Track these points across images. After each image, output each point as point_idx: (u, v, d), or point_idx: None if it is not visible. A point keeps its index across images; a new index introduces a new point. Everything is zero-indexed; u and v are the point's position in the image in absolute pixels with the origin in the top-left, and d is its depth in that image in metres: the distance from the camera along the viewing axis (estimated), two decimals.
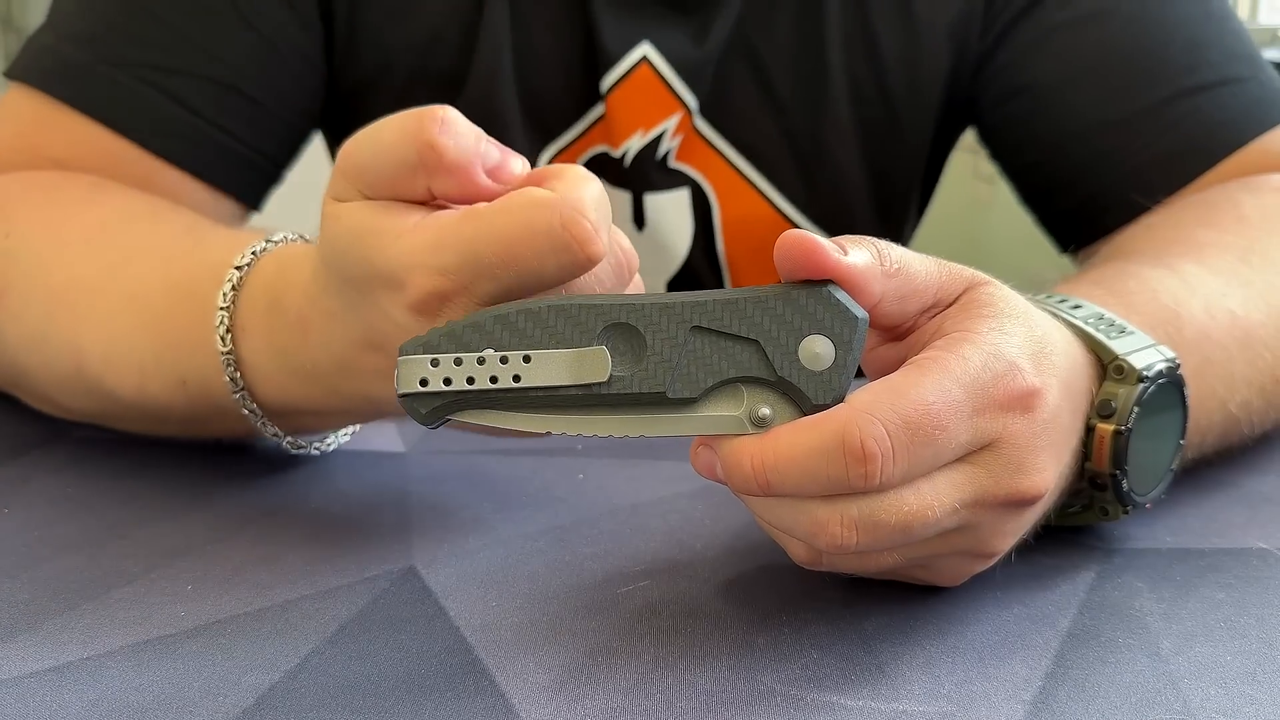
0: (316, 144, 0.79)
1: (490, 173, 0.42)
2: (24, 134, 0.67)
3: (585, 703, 0.38)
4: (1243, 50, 0.71)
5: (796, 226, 0.76)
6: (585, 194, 0.41)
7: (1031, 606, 0.44)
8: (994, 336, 0.40)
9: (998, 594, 0.45)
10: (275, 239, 0.52)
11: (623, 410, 0.39)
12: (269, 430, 0.53)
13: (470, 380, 0.39)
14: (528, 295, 0.42)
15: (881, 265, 0.40)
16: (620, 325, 0.39)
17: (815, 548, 0.40)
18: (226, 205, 0.70)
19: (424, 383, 0.39)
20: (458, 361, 0.39)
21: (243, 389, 0.51)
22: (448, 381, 0.39)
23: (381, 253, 0.42)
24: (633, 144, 0.74)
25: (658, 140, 0.74)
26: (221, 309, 0.51)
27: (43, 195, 0.63)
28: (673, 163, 0.76)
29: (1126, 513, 0.47)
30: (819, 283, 0.39)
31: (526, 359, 0.38)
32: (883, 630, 0.42)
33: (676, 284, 0.80)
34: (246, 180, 0.70)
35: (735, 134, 0.76)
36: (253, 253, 0.51)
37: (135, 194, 0.64)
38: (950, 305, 0.42)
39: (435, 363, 0.39)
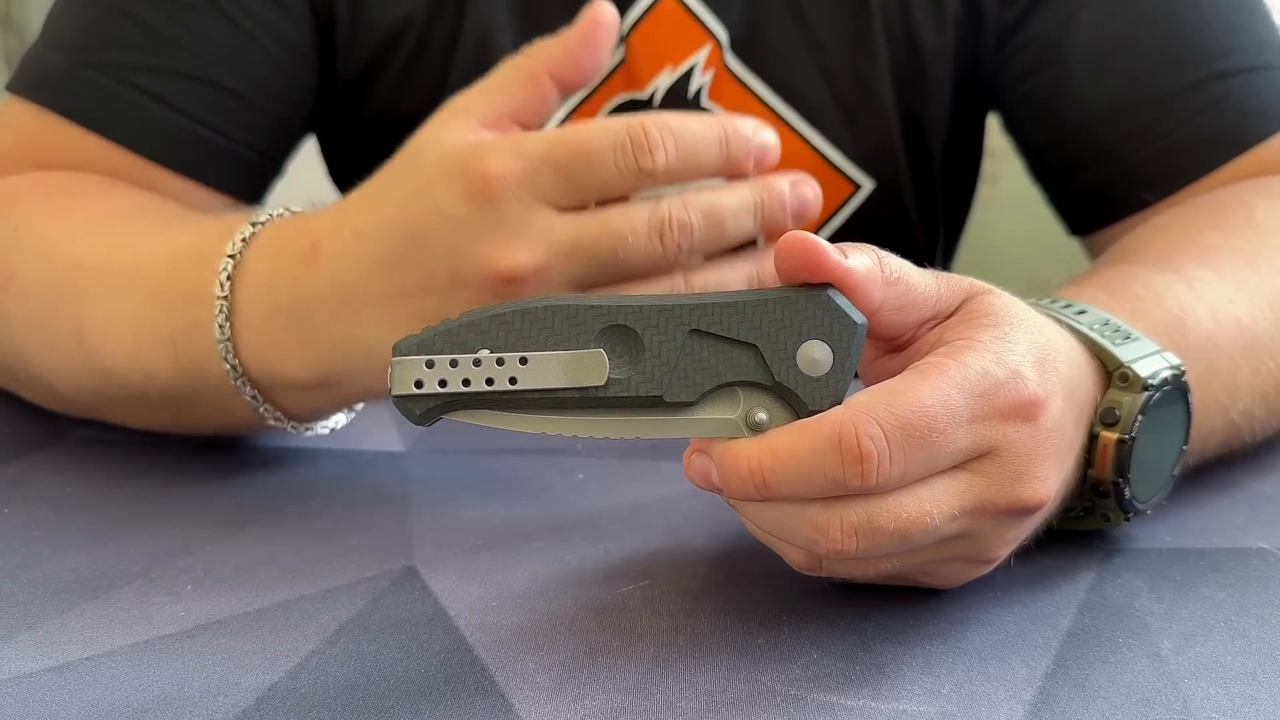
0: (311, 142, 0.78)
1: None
2: (21, 143, 0.67)
3: (585, 703, 0.38)
4: (1273, 39, 0.69)
5: (839, 170, 0.72)
6: (660, 115, 0.49)
7: (1032, 607, 0.44)
8: (997, 344, 0.40)
9: (998, 594, 0.45)
10: (296, 209, 0.55)
11: (619, 412, 0.39)
12: (246, 393, 0.53)
13: (466, 382, 0.38)
14: (589, 199, 0.47)
15: (881, 272, 0.40)
16: (618, 327, 0.38)
17: (814, 553, 0.40)
18: (221, 202, 0.69)
19: (419, 384, 0.38)
20: (453, 363, 0.38)
21: (228, 339, 0.53)
22: (443, 383, 0.38)
23: (459, 135, 0.49)
24: (661, 82, 0.70)
25: (688, 76, 0.70)
26: (229, 256, 0.53)
27: (52, 189, 0.63)
28: (705, 102, 0.71)
29: (1128, 519, 0.47)
30: (818, 286, 0.39)
31: (523, 361, 0.38)
32: (883, 630, 0.42)
33: None
34: (238, 176, 0.69)
35: (771, 73, 0.72)
36: (269, 214, 0.54)
37: (146, 192, 0.64)
38: (950, 316, 0.42)
39: (430, 364, 0.38)
